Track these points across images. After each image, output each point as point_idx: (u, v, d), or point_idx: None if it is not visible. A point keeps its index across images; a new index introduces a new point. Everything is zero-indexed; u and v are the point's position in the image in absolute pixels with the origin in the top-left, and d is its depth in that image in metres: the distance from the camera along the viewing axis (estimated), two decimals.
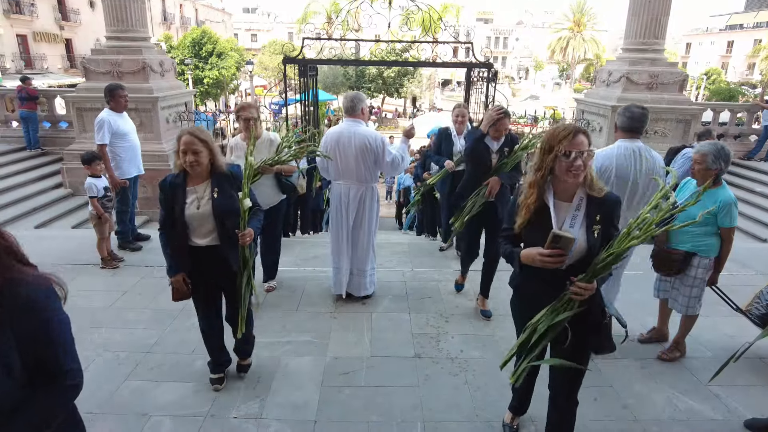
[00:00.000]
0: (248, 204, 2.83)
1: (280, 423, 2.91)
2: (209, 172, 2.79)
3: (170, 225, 2.79)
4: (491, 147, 3.94)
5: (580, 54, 50.05)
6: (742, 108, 12.31)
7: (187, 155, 2.67)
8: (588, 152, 2.06)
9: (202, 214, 2.75)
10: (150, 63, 9.26)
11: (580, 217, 2.12)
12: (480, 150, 3.94)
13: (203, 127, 2.87)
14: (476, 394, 3.20)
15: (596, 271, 2.04)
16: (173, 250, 2.85)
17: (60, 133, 10.78)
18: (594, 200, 2.12)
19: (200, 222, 2.77)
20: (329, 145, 4.09)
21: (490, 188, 3.91)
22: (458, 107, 5.29)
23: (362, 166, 4.09)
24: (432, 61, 9.19)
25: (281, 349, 3.66)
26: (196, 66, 26.17)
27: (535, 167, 2.15)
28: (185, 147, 2.66)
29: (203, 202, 2.76)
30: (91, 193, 4.95)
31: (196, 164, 2.69)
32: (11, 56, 24.08)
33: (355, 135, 4.01)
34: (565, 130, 2.07)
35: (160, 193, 2.81)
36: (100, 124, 5.14)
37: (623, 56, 10.27)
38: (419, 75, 32.89)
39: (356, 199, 4.17)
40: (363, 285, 4.40)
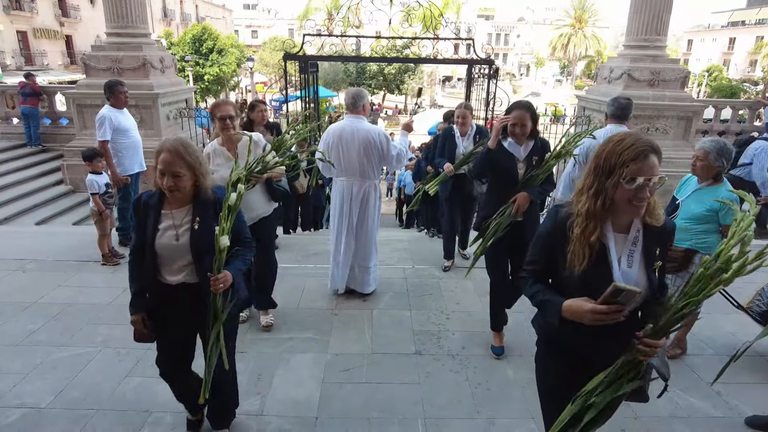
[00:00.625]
0: (225, 243, 2.19)
1: (281, 419, 2.91)
2: (192, 196, 2.28)
3: (142, 253, 2.31)
4: (516, 154, 3.26)
5: (581, 51, 49.98)
6: (743, 105, 12.28)
7: (165, 178, 2.15)
8: (660, 179, 1.60)
9: (177, 246, 2.25)
10: (150, 59, 9.23)
11: (637, 254, 1.72)
12: (499, 160, 3.27)
13: (190, 141, 2.27)
14: (477, 391, 3.20)
15: (669, 323, 1.65)
16: (138, 282, 2.39)
17: (60, 129, 10.77)
18: (652, 231, 1.73)
19: (173, 255, 2.27)
20: (331, 141, 4.05)
21: (517, 206, 3.21)
22: (460, 107, 4.87)
23: (365, 162, 4.08)
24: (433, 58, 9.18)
25: (282, 345, 3.66)
26: (197, 62, 26.14)
27: (590, 190, 1.67)
28: (163, 167, 2.14)
29: (180, 232, 2.25)
30: (93, 189, 4.95)
31: (175, 189, 2.18)
32: (11, 53, 24.07)
33: (358, 131, 4.00)
34: (633, 148, 1.58)
35: (132, 212, 2.38)
36: (101, 121, 5.13)
37: (625, 53, 10.24)
38: (420, 72, 32.83)
39: (359, 196, 4.17)
40: (366, 281, 4.41)
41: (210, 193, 2.29)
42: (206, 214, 2.27)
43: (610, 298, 1.55)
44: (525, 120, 3.13)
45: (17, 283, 4.55)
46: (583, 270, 1.67)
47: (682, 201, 3.42)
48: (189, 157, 2.16)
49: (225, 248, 2.20)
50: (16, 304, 4.14)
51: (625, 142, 1.61)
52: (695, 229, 3.27)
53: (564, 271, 1.72)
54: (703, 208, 3.27)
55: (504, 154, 3.25)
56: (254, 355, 3.52)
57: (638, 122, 9.72)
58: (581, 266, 1.67)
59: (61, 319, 3.94)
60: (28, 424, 2.82)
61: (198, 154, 2.24)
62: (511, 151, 3.25)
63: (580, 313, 1.63)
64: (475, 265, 3.50)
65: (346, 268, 4.33)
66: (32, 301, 4.20)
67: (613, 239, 1.71)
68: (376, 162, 4.14)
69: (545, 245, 1.83)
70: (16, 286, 4.49)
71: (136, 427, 2.81)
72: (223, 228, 2.19)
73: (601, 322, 1.60)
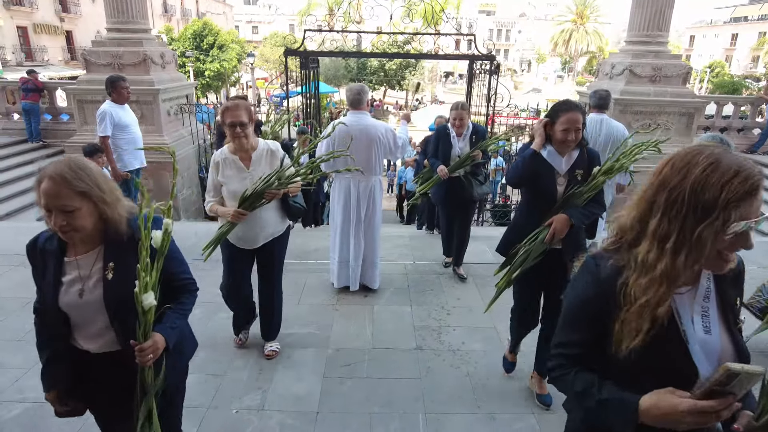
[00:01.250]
0: (150, 302, 1.60)
1: (282, 414, 2.92)
2: (100, 235, 1.68)
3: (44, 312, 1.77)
4: (557, 167, 2.67)
5: (582, 47, 49.82)
6: (745, 101, 12.24)
7: (53, 216, 1.54)
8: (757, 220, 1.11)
9: (86, 305, 1.67)
10: (151, 55, 9.22)
11: (713, 311, 1.25)
12: (536, 172, 2.69)
13: (83, 160, 1.67)
14: (478, 386, 3.21)
15: None
16: (46, 350, 1.80)
17: (61, 125, 10.77)
18: (725, 277, 1.27)
19: (85, 317, 1.69)
20: (340, 139, 3.95)
21: (553, 230, 2.63)
22: (456, 108, 4.50)
23: (373, 158, 4.11)
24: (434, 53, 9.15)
25: (283, 340, 3.67)
26: (197, 58, 26.10)
27: (667, 240, 1.13)
28: (47, 201, 1.54)
29: (89, 286, 1.67)
30: None
31: (70, 230, 1.57)
32: (11, 48, 24.03)
33: (366, 128, 4.03)
34: (744, 180, 1.06)
35: (28, 260, 1.77)
36: (101, 116, 5.13)
37: (626, 49, 10.20)
38: (421, 67, 32.75)
39: (366, 192, 4.21)
40: (374, 276, 4.47)
41: (124, 226, 1.67)
42: (123, 257, 1.67)
43: (719, 386, 1.05)
44: (578, 124, 2.53)
45: (19, 278, 4.56)
46: (638, 346, 1.17)
47: None
48: (81, 183, 1.55)
49: (151, 308, 1.62)
50: (18, 299, 4.15)
51: (726, 168, 1.07)
52: None
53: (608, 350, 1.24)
54: None
55: (541, 165, 2.67)
56: (255, 350, 3.53)
57: (639, 118, 9.70)
58: (633, 342, 1.17)
59: None
60: (32, 417, 2.84)
61: (96, 175, 1.62)
62: (549, 162, 2.66)
63: (674, 415, 1.09)
64: (477, 263, 3.50)
65: (359, 266, 4.36)
66: (34, 297, 4.20)
67: (677, 297, 1.22)
68: (382, 157, 4.20)
69: (587, 318, 1.29)
70: (17, 281, 4.50)
71: None
72: (146, 283, 1.59)
73: (704, 424, 1.09)
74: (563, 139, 2.56)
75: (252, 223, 3.07)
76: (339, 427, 2.83)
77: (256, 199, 2.95)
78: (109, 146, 5.17)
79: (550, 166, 2.66)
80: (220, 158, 3.03)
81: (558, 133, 2.57)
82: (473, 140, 4.58)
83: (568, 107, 2.56)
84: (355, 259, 4.33)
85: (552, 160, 2.66)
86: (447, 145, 4.59)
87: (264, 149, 3.08)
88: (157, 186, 8.98)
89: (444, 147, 4.59)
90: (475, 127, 4.67)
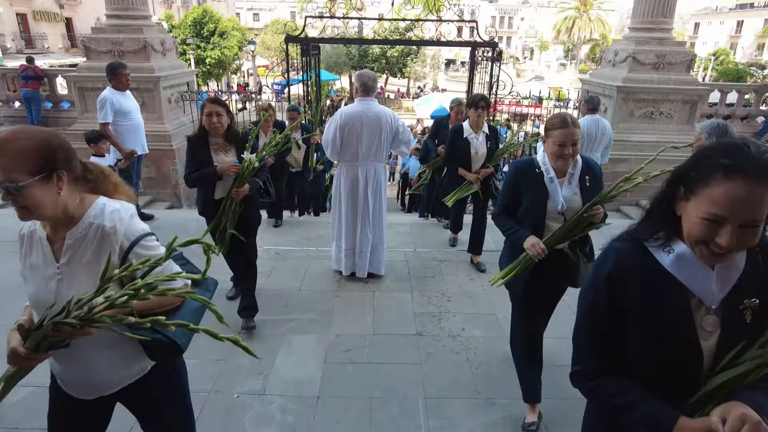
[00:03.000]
0: None
1: (284, 399, 2.95)
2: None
3: None
4: None
5: (586, 34, 49.38)
6: (750, 89, 12.14)
7: None
8: None
9: None
10: (151, 42, 9.16)
11: None
12: None
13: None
14: (477, 371, 3.24)
15: None
16: None
17: (62, 113, 10.74)
18: None
19: None
20: (348, 125, 4.00)
21: None
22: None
23: (382, 145, 4.16)
24: (436, 40, 9.07)
25: (284, 326, 3.70)
26: (198, 46, 25.92)
27: None
28: None
29: None
30: None
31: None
32: (11, 35, 23.89)
33: (377, 114, 4.05)
34: None
35: None
36: (102, 103, 5.12)
37: (630, 36, 10.10)
38: (423, 55, 32.52)
39: (373, 179, 4.25)
40: (380, 262, 4.51)
41: None
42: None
43: None
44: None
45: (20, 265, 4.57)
46: None
47: None
48: None
49: None
50: (19, 286, 4.15)
51: None
52: None
53: None
54: None
55: None
56: (256, 335, 3.56)
57: (642, 106, 9.64)
58: None
59: None
60: (36, 401, 2.86)
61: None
62: None
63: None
64: None
65: (367, 254, 4.38)
66: None
67: None
68: (389, 144, 4.22)
69: None
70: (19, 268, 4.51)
71: None
72: None
73: None
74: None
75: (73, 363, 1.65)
76: (340, 412, 2.86)
77: None
78: (110, 132, 5.17)
79: None
80: (27, 231, 1.71)
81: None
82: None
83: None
84: (363, 247, 4.35)
85: None
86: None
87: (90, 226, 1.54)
88: (158, 173, 8.98)
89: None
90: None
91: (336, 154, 4.18)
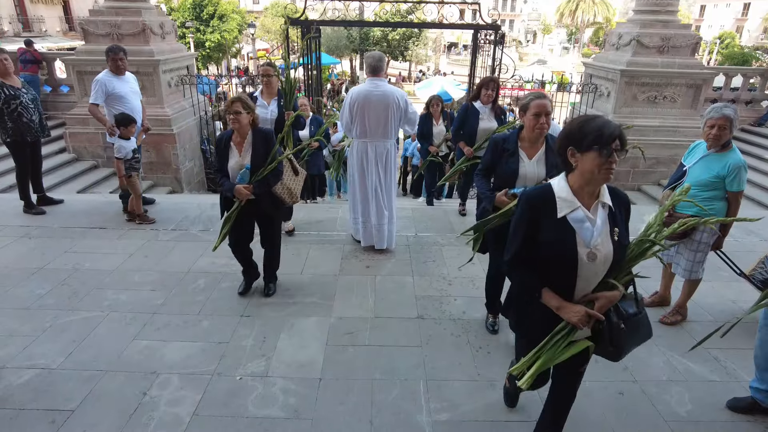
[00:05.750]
0: None
1: (286, 381, 2.97)
2: None
3: None
4: None
5: (589, 17, 48.74)
6: (755, 73, 12.02)
7: None
8: None
9: None
10: (150, 25, 9.07)
11: None
12: None
13: None
14: (478, 354, 3.26)
15: None
16: None
17: (61, 97, 10.69)
18: None
19: None
20: (358, 104, 4.27)
21: None
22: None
23: (391, 122, 4.36)
24: (438, 23, 8.97)
25: (286, 309, 3.72)
26: (197, 29, 25.65)
27: None
28: None
29: None
30: (118, 154, 5.04)
31: None
32: (8, 18, 23.63)
33: (384, 94, 4.26)
34: None
35: None
36: (94, 84, 5.13)
37: (634, 18, 9.98)
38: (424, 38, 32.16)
39: (383, 154, 4.47)
40: (389, 237, 4.71)
41: None
42: None
43: None
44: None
45: (24, 249, 4.60)
46: None
47: (690, 167, 3.40)
48: None
49: None
50: (24, 269, 4.20)
51: None
52: (701, 196, 3.25)
53: None
54: (710, 175, 3.25)
55: None
56: (259, 318, 3.58)
57: (645, 90, 9.56)
58: None
59: (68, 284, 4.00)
60: (41, 383, 2.90)
61: None
62: None
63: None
64: None
65: (384, 225, 4.62)
66: (39, 266, 4.26)
67: None
68: (397, 121, 4.43)
69: None
70: (22, 252, 4.54)
71: (145, 387, 2.88)
72: None
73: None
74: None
75: None
76: (341, 393, 2.89)
77: None
78: (98, 113, 5.16)
79: None
80: None
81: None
82: None
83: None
84: (379, 219, 4.60)
85: None
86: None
87: None
88: (159, 157, 8.96)
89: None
90: None
91: (349, 130, 4.51)
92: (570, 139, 1.80)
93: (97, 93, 5.09)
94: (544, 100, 2.83)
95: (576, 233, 1.83)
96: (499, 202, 2.89)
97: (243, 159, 3.52)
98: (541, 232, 1.86)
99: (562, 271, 1.87)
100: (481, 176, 3.14)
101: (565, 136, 1.84)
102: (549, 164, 2.91)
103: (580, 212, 1.83)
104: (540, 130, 2.83)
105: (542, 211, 1.87)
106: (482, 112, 5.15)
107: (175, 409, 2.73)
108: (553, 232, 1.84)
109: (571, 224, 1.83)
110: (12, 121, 5.09)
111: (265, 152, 3.53)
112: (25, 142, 5.27)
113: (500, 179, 3.02)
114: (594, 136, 1.73)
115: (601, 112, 9.45)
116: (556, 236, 1.83)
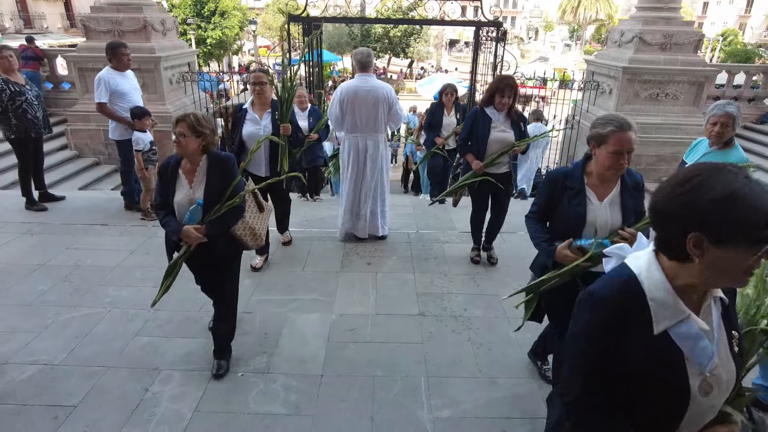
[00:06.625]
0: None
1: (287, 377, 2.98)
2: None
3: None
4: None
5: (591, 14, 48.58)
6: (758, 70, 11.97)
7: None
8: None
9: None
10: (151, 21, 9.06)
11: None
12: None
13: None
14: (479, 351, 3.26)
15: None
16: None
17: (63, 94, 10.69)
18: None
19: None
20: (347, 98, 4.37)
21: None
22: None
23: (380, 116, 4.47)
24: (439, 20, 8.94)
25: (288, 306, 3.72)
26: (199, 26, 25.63)
27: None
28: None
29: None
30: (137, 146, 5.08)
31: None
32: (9, 15, 23.63)
33: (373, 88, 4.37)
34: None
35: None
36: (97, 83, 5.11)
37: (637, 15, 9.94)
38: (426, 35, 32.09)
39: (374, 148, 4.58)
40: (382, 225, 4.88)
41: None
42: None
43: None
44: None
45: (25, 246, 4.61)
46: None
47: None
48: None
49: None
50: (26, 266, 4.20)
51: None
52: None
53: None
54: None
55: None
56: (260, 314, 3.59)
57: (647, 87, 9.53)
58: None
59: (70, 280, 4.01)
60: (44, 379, 2.91)
61: None
62: None
63: None
64: None
65: (366, 216, 4.76)
66: (41, 263, 4.26)
67: None
68: (386, 116, 4.53)
69: None
70: (24, 249, 4.55)
71: (147, 383, 2.89)
72: None
73: None
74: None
75: None
76: (343, 390, 2.89)
77: None
78: (113, 111, 5.16)
79: None
80: None
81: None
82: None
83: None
84: (370, 212, 4.75)
85: None
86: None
87: None
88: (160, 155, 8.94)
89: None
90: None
91: (339, 125, 4.57)
92: (697, 218, 1.05)
93: (101, 91, 5.09)
94: (629, 133, 2.10)
95: (684, 355, 1.15)
96: (561, 257, 2.21)
97: (194, 192, 2.74)
98: (622, 356, 1.15)
99: (659, 413, 1.18)
100: (534, 220, 2.47)
101: (686, 206, 1.07)
102: (625, 207, 2.26)
103: (693, 324, 1.15)
104: (616, 171, 2.20)
105: (624, 323, 1.16)
106: (495, 120, 4.10)
107: (176, 406, 2.74)
108: (643, 357, 1.14)
109: (677, 342, 1.15)
110: (16, 117, 5.11)
111: (222, 184, 2.75)
112: (29, 138, 5.29)
113: (561, 226, 2.34)
114: (752, 224, 1.00)
115: (603, 110, 9.43)
116: (651, 363, 1.14)
